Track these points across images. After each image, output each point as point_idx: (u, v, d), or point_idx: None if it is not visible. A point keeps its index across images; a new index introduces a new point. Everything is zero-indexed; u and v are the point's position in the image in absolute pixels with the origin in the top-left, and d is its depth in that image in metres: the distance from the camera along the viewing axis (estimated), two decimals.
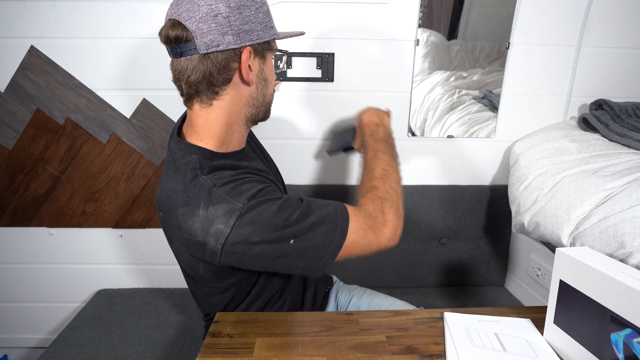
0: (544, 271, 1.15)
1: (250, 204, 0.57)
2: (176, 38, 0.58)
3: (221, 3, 0.57)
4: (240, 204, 0.57)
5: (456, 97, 1.19)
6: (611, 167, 0.87)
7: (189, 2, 0.57)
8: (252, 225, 0.57)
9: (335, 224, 0.61)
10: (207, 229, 0.57)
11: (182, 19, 0.57)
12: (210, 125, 0.65)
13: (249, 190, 0.59)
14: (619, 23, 1.12)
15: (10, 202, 1.24)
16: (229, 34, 0.58)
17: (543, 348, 0.62)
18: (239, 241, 0.57)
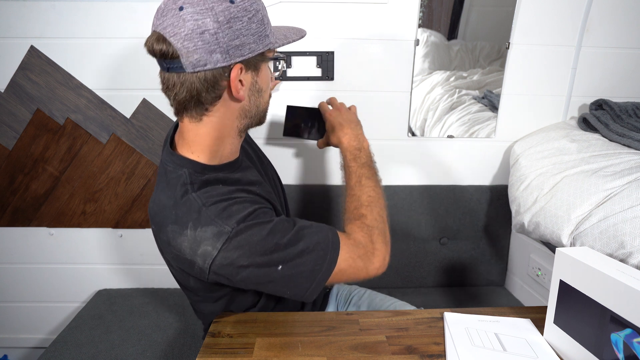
0: (544, 271, 1.15)
1: (239, 228, 0.56)
2: (161, 53, 0.55)
3: (208, 18, 0.53)
4: (228, 227, 0.56)
5: (456, 97, 1.19)
6: (611, 167, 0.87)
7: (174, 16, 0.53)
8: (240, 249, 0.56)
9: (325, 251, 0.60)
10: (195, 249, 0.56)
11: (167, 34, 0.53)
12: (201, 138, 0.63)
13: (239, 212, 0.57)
14: (619, 23, 1.12)
15: (10, 202, 1.24)
16: (217, 52, 0.54)
17: (543, 348, 0.62)
18: (226, 264, 0.56)
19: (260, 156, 0.86)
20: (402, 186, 1.24)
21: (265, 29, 0.59)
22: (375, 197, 0.71)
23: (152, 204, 0.63)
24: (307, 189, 1.25)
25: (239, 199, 0.60)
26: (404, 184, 1.25)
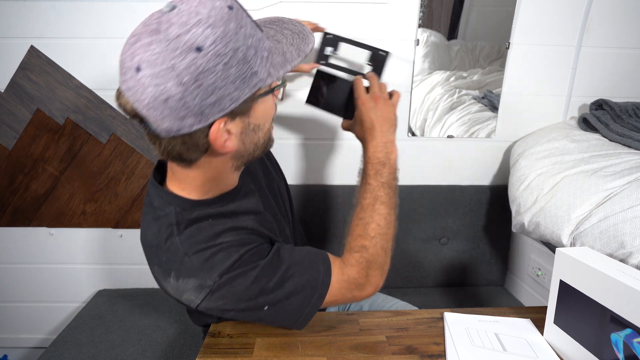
0: (544, 271, 1.15)
1: (222, 281, 0.53)
2: (132, 114, 0.48)
3: (170, 82, 0.44)
4: (210, 281, 0.53)
5: (456, 97, 1.19)
6: (611, 167, 0.87)
7: (132, 78, 0.44)
8: (223, 299, 0.55)
9: (314, 289, 0.59)
10: (179, 295, 0.56)
11: (130, 99, 0.46)
12: (192, 179, 0.58)
13: (223, 261, 0.54)
14: (619, 23, 1.12)
15: (10, 202, 1.24)
16: (189, 117, 0.46)
17: (543, 348, 0.62)
18: (210, 308, 0.57)
19: (267, 170, 0.79)
20: (402, 186, 1.24)
21: (251, 66, 0.48)
22: (385, 228, 0.64)
23: (141, 234, 0.61)
24: (307, 189, 1.25)
25: (225, 244, 0.55)
26: (403, 184, 1.25)
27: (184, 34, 0.43)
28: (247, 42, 0.47)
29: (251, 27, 0.48)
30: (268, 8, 1.09)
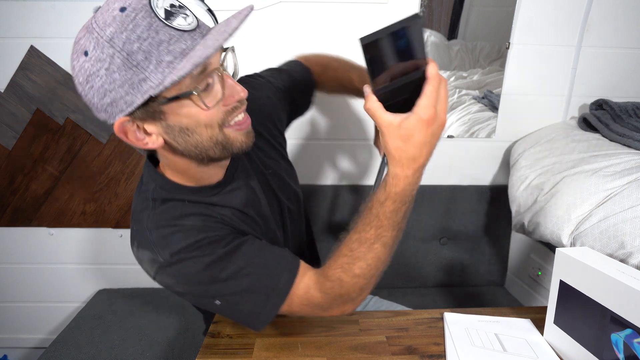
0: (544, 271, 1.15)
1: (172, 260, 0.53)
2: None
3: (76, 80, 0.47)
4: (161, 258, 0.54)
5: (456, 97, 1.19)
6: (611, 167, 0.87)
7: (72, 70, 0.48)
8: (174, 278, 0.55)
9: (268, 296, 0.56)
10: (140, 263, 0.58)
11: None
12: (168, 165, 0.60)
13: (178, 242, 0.54)
14: (619, 23, 1.12)
15: (10, 202, 1.24)
16: (100, 112, 0.48)
17: (543, 348, 0.62)
18: (165, 285, 0.57)
19: (264, 174, 0.73)
20: None
21: (137, 72, 0.45)
22: (374, 269, 0.57)
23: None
24: (308, 188, 1.25)
25: (186, 227, 0.55)
26: None
27: (81, 38, 0.46)
28: (131, 47, 0.44)
29: (146, 20, 0.44)
30: (268, 8, 1.09)
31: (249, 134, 0.57)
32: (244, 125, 0.55)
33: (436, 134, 0.54)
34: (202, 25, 0.51)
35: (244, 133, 0.56)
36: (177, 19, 0.47)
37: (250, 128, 0.57)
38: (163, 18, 0.46)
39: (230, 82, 0.52)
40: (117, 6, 0.44)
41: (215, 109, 0.51)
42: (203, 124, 0.51)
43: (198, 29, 0.50)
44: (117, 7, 0.44)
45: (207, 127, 0.52)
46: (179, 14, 0.48)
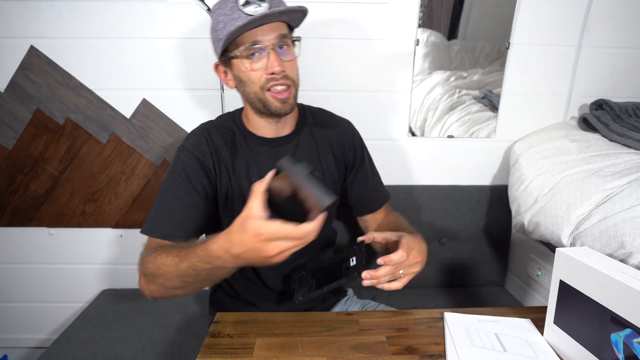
0: (544, 271, 1.15)
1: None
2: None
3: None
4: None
5: (456, 97, 1.19)
6: (611, 167, 0.87)
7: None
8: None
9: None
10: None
11: None
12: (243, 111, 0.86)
13: (178, 154, 0.80)
14: (619, 23, 1.12)
15: (10, 202, 1.24)
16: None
17: (543, 348, 0.62)
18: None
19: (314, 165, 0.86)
20: (402, 186, 1.24)
21: (218, 34, 0.71)
22: (170, 282, 0.67)
23: None
24: None
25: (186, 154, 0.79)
26: (404, 184, 1.25)
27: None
28: (221, 13, 0.71)
29: (231, 3, 0.69)
30: None
31: (285, 103, 0.75)
32: (280, 96, 0.74)
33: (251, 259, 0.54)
34: (266, 15, 0.68)
35: (280, 100, 0.74)
36: (250, 7, 0.69)
37: (286, 99, 0.74)
38: (241, 4, 0.69)
39: (272, 58, 0.71)
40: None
41: (258, 73, 0.72)
42: (249, 81, 0.74)
43: (260, 16, 0.67)
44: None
45: (252, 84, 0.74)
46: (254, 3, 0.69)
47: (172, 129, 1.19)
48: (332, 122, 0.91)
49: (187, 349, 1.03)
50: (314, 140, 0.87)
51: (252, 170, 0.81)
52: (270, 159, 0.82)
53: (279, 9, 0.68)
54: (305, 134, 0.86)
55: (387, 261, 0.63)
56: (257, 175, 0.81)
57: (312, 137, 0.87)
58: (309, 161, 0.85)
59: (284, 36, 0.73)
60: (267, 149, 0.82)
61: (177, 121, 1.18)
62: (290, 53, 0.75)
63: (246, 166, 0.81)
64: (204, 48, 1.12)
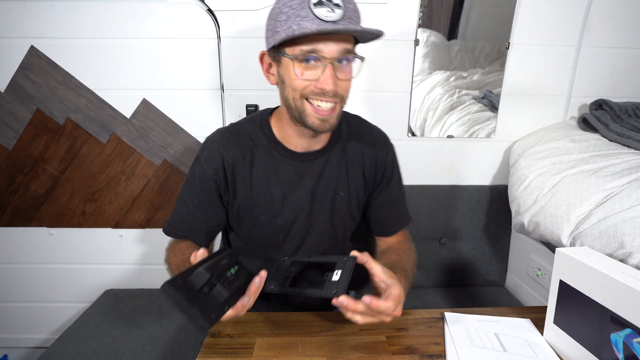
0: (544, 271, 1.15)
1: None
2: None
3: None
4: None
5: (456, 97, 1.19)
6: (611, 167, 0.87)
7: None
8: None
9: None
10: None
11: None
12: (276, 112, 0.80)
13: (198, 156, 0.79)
14: (619, 23, 1.12)
15: (10, 202, 1.24)
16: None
17: (543, 348, 0.62)
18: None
19: (337, 192, 0.80)
20: None
21: (276, 25, 0.63)
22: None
23: None
24: None
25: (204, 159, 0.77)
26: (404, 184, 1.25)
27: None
28: (283, 9, 0.62)
29: (298, 3, 0.61)
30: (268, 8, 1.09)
31: (324, 122, 0.68)
32: (321, 113, 0.67)
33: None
34: (338, 23, 0.61)
35: (319, 117, 0.67)
36: (321, 9, 0.60)
37: (328, 119, 0.68)
38: (313, 3, 0.60)
39: (327, 74, 0.64)
40: None
41: (303, 82, 0.65)
42: (291, 86, 0.67)
43: (331, 22, 0.61)
44: None
45: (293, 89, 0.67)
46: (327, 6, 0.60)
47: (172, 129, 1.19)
48: (367, 138, 0.83)
49: (187, 347, 1.03)
50: (345, 156, 0.80)
51: (273, 185, 0.77)
52: (296, 176, 0.77)
53: (354, 28, 0.61)
54: (337, 150, 0.80)
55: (374, 307, 0.57)
56: (280, 191, 0.77)
57: (344, 153, 0.80)
58: (337, 178, 0.79)
59: (348, 51, 0.65)
60: (294, 164, 0.77)
61: (177, 121, 1.18)
62: (348, 71, 0.68)
63: (267, 179, 0.76)
64: (204, 48, 1.12)
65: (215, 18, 1.10)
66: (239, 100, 1.17)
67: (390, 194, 0.85)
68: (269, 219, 0.78)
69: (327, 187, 0.79)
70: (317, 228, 0.81)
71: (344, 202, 0.81)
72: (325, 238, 0.83)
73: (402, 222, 0.89)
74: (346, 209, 0.82)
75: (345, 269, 0.61)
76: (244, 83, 1.15)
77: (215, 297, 0.51)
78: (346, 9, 0.62)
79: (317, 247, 0.83)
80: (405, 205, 0.90)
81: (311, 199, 0.79)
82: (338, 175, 0.80)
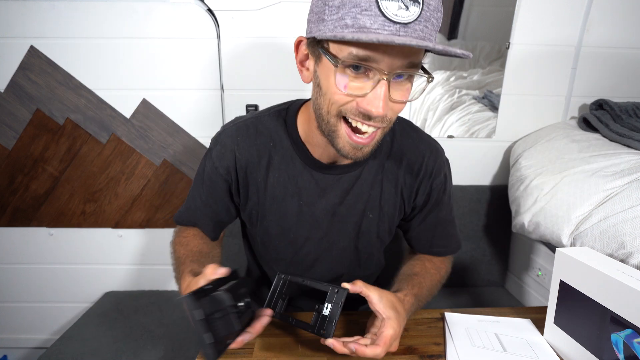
0: (544, 271, 1.15)
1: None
2: None
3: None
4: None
5: (456, 97, 1.19)
6: (611, 167, 0.87)
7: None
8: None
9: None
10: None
11: None
12: (305, 112, 0.66)
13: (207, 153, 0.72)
14: (619, 23, 1.12)
15: (10, 202, 1.24)
16: (307, 25, 0.54)
17: (543, 348, 0.62)
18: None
19: (365, 213, 0.69)
20: None
21: (325, 9, 0.47)
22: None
23: None
24: None
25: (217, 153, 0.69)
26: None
27: None
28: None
29: None
30: (268, 8, 1.09)
31: (357, 150, 0.56)
32: (357, 140, 0.54)
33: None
34: (411, 26, 0.46)
35: (353, 144, 0.55)
36: (391, 2, 0.44)
37: (362, 148, 0.56)
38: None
39: (378, 92, 0.49)
40: None
41: (345, 96, 0.51)
42: (328, 96, 0.52)
43: (401, 25, 0.45)
44: None
45: (329, 102, 0.53)
46: (398, 0, 0.45)
47: (172, 129, 1.19)
48: (413, 154, 0.68)
49: (188, 345, 1.04)
50: (382, 174, 0.68)
51: (289, 196, 0.67)
52: (316, 190, 0.67)
53: (432, 47, 0.45)
54: (373, 166, 0.68)
55: (359, 353, 0.52)
56: (297, 204, 0.68)
57: (381, 170, 0.68)
58: (367, 198, 0.68)
59: (413, 65, 0.50)
60: (317, 175, 0.66)
61: (177, 121, 1.18)
62: (406, 89, 0.53)
63: (283, 189, 0.67)
64: (204, 48, 1.12)
65: (215, 18, 1.10)
66: (239, 100, 1.17)
67: (440, 218, 0.73)
68: (281, 232, 0.70)
69: (353, 207, 0.68)
70: (336, 250, 0.72)
71: (372, 225, 0.70)
72: (346, 261, 0.74)
73: (450, 247, 0.77)
74: (374, 231, 0.71)
75: (335, 303, 0.57)
76: (244, 83, 1.15)
77: (226, 326, 0.49)
78: (425, 6, 0.46)
79: (335, 269, 0.75)
80: (456, 229, 0.77)
81: (331, 218, 0.69)
82: (369, 195, 0.68)
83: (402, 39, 0.44)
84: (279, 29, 1.10)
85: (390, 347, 0.54)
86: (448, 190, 0.72)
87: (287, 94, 1.16)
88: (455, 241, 0.77)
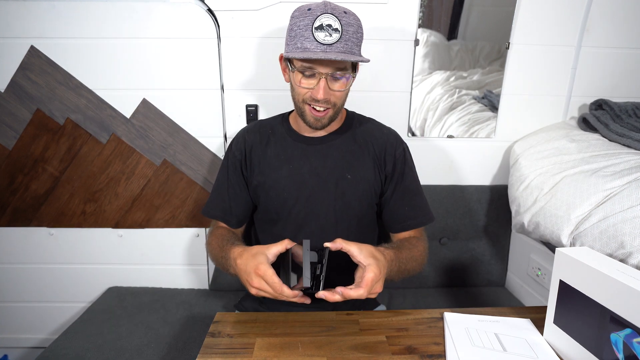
0: (544, 271, 1.15)
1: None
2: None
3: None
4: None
5: (456, 97, 1.19)
6: (611, 167, 0.87)
7: None
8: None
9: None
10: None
11: None
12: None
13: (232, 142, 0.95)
14: (619, 23, 1.12)
15: (10, 202, 1.24)
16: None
17: (543, 348, 0.62)
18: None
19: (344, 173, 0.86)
20: None
21: (289, 38, 0.77)
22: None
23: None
24: None
25: (239, 144, 0.92)
26: None
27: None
28: (297, 24, 0.75)
29: (309, 20, 0.73)
30: (268, 8, 1.09)
31: (318, 121, 0.81)
32: (316, 114, 0.79)
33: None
34: (334, 46, 0.73)
35: (315, 117, 0.80)
36: (320, 33, 0.72)
37: (321, 119, 0.80)
38: (315, 27, 0.72)
39: (320, 85, 0.76)
40: (308, 6, 0.75)
41: (302, 89, 0.78)
42: (296, 90, 0.80)
43: (327, 45, 0.72)
44: (308, 6, 0.75)
45: (297, 94, 0.80)
46: (325, 30, 0.72)
47: (172, 129, 1.19)
48: (378, 132, 0.91)
49: (191, 344, 1.04)
50: (355, 144, 0.88)
51: (282, 162, 0.87)
52: (302, 156, 0.87)
53: (342, 57, 0.71)
54: (346, 138, 0.89)
55: (346, 296, 0.61)
56: (287, 169, 0.87)
57: (354, 141, 0.88)
58: (341, 164, 0.87)
59: (340, 69, 0.76)
60: (302, 146, 0.88)
61: (177, 121, 1.19)
62: (343, 82, 0.78)
63: (277, 158, 0.88)
64: (204, 48, 1.12)
65: (215, 18, 1.10)
66: (239, 100, 1.17)
67: (406, 188, 0.88)
68: (277, 193, 0.87)
69: (332, 169, 0.86)
70: (322, 208, 0.86)
71: (351, 186, 0.86)
72: (331, 220, 0.87)
73: (423, 217, 0.89)
74: (354, 193, 0.86)
75: (322, 264, 0.65)
76: (244, 83, 1.15)
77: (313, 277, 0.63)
78: (344, 32, 0.73)
79: (323, 230, 0.86)
80: (426, 203, 0.91)
81: (316, 179, 0.86)
82: (346, 161, 0.87)
83: (327, 55, 0.72)
84: (279, 29, 1.10)
85: (372, 288, 0.63)
86: (409, 161, 0.90)
87: (286, 94, 1.16)
88: (423, 213, 0.89)
